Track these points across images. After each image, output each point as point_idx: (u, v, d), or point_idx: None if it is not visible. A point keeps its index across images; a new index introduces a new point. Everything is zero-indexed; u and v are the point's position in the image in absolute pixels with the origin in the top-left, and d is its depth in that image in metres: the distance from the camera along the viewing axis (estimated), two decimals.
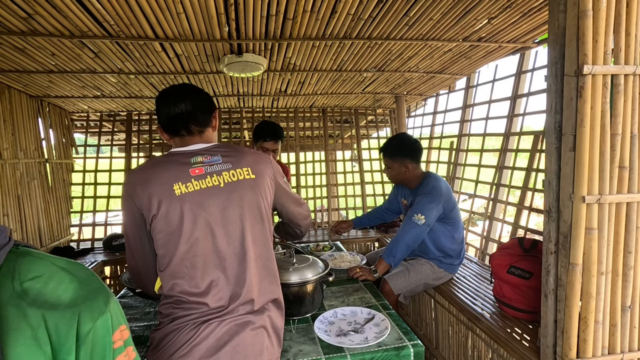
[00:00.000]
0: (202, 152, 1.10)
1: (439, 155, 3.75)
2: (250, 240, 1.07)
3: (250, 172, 1.10)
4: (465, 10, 1.75)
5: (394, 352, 1.26)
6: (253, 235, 1.08)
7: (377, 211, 2.62)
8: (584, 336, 1.20)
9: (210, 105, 1.19)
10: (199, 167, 1.07)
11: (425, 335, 2.43)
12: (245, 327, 1.00)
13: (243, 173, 1.09)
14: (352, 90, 3.35)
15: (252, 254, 1.07)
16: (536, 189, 2.37)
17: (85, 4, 1.50)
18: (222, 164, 1.09)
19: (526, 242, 1.79)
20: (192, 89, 1.18)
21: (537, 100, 2.53)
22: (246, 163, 1.11)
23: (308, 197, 3.99)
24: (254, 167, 1.11)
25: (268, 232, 1.13)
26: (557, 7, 1.16)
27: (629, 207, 1.18)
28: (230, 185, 1.07)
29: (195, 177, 1.05)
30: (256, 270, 1.07)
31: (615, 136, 1.14)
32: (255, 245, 1.09)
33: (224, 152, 1.12)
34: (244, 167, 1.10)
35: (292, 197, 1.31)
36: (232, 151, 1.14)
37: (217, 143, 1.18)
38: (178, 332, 0.97)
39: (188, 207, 1.02)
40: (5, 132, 2.55)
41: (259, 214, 1.10)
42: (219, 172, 1.07)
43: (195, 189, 1.04)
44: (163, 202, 1.02)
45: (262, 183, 1.12)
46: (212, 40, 1.92)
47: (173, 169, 1.05)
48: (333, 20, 1.78)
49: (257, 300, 1.06)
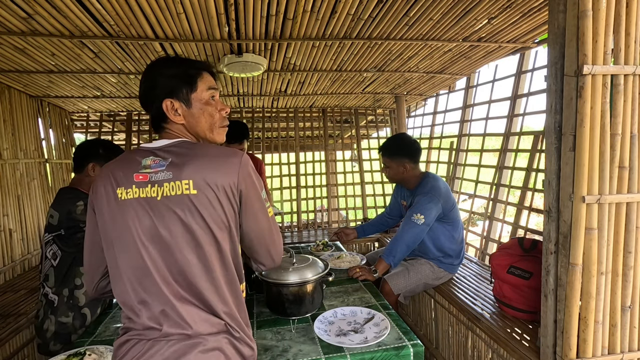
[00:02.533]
0: (157, 153, 0.94)
1: (439, 155, 3.75)
2: (179, 270, 0.89)
3: (190, 186, 0.88)
4: (465, 10, 1.75)
5: (393, 352, 1.26)
6: (184, 265, 0.89)
7: (380, 219, 2.61)
8: (583, 336, 1.20)
9: (161, 87, 0.96)
10: (144, 173, 0.92)
11: (425, 335, 2.43)
12: (194, 348, 0.87)
13: (181, 187, 0.88)
14: (352, 90, 3.35)
15: (183, 285, 0.89)
16: (536, 189, 2.37)
17: (85, 4, 1.50)
18: (165, 171, 0.90)
19: (526, 242, 1.79)
20: (158, 63, 1.00)
21: (537, 100, 2.54)
22: (189, 173, 0.89)
23: (308, 197, 3.99)
24: (200, 179, 0.89)
25: (215, 259, 0.90)
26: (557, 7, 1.16)
27: (628, 207, 1.18)
28: (167, 200, 0.89)
29: (137, 183, 0.91)
30: (189, 303, 0.89)
31: (615, 136, 1.14)
32: (186, 276, 0.89)
33: (175, 155, 0.93)
34: (184, 179, 0.89)
35: (261, 224, 0.99)
36: (182, 155, 0.93)
37: (181, 139, 0.98)
38: (128, 345, 0.90)
39: (122, 216, 0.90)
40: (5, 132, 2.55)
41: (192, 239, 0.88)
42: (160, 182, 0.90)
43: (135, 196, 0.90)
44: (105, 205, 0.92)
45: (205, 200, 0.88)
46: (212, 40, 1.92)
47: (125, 169, 0.93)
48: (333, 20, 1.78)
49: (196, 328, 0.89)
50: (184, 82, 0.98)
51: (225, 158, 0.94)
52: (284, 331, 1.44)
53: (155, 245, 0.89)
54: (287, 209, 3.95)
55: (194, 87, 0.99)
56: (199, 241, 0.89)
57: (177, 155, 0.93)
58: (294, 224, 3.97)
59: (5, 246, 2.49)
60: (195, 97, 0.99)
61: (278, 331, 1.44)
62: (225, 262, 0.93)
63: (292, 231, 3.85)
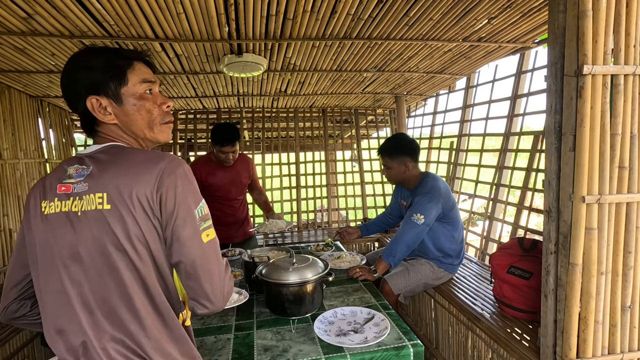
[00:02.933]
0: (84, 160, 0.82)
1: (439, 155, 3.75)
2: (100, 297, 0.77)
3: (104, 200, 0.76)
4: (465, 10, 1.75)
5: (393, 352, 1.26)
6: (105, 291, 0.77)
7: (382, 218, 2.62)
8: (583, 336, 1.20)
9: (82, 82, 0.83)
10: (67, 184, 0.80)
11: (425, 335, 2.43)
12: None
13: (95, 201, 0.76)
14: (352, 90, 3.35)
15: (105, 314, 0.77)
16: (536, 189, 2.37)
17: (85, 4, 1.50)
18: (82, 183, 0.79)
19: (526, 242, 1.79)
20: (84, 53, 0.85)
21: (537, 100, 2.54)
22: (104, 184, 0.77)
23: (308, 197, 3.99)
24: (114, 190, 0.76)
25: (135, 286, 0.77)
26: (557, 7, 1.16)
27: (628, 207, 1.18)
28: (85, 215, 0.77)
29: (59, 195, 0.79)
30: (110, 336, 0.77)
31: (615, 136, 1.14)
32: (107, 304, 0.77)
33: (97, 163, 0.81)
34: (98, 191, 0.76)
35: (191, 251, 0.79)
36: (103, 162, 0.80)
37: (110, 144, 0.85)
38: None
39: (45, 232, 0.80)
40: (5, 132, 2.55)
41: (108, 262, 0.76)
42: (80, 194, 0.78)
43: (57, 210, 0.79)
44: (32, 219, 0.82)
45: (118, 216, 0.75)
46: (212, 40, 1.92)
47: (53, 179, 0.82)
48: (333, 20, 1.78)
49: None
50: (110, 75, 0.83)
51: (146, 163, 0.78)
52: (284, 331, 1.44)
53: (76, 267, 0.78)
54: (287, 209, 3.95)
55: (124, 80, 0.84)
56: (116, 265, 0.76)
57: (99, 162, 0.81)
58: (294, 224, 3.97)
59: (5, 246, 2.49)
60: (126, 91, 0.84)
61: (278, 331, 1.44)
62: (149, 290, 0.79)
63: (292, 231, 3.85)
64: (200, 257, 0.80)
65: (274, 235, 3.67)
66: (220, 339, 1.40)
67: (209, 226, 0.83)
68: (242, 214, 2.78)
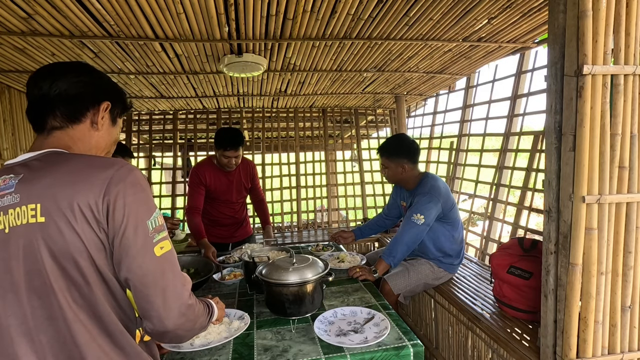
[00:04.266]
0: (14, 169, 0.73)
1: (439, 156, 3.75)
2: (37, 321, 0.69)
3: (37, 212, 0.67)
4: (465, 10, 1.75)
5: (393, 352, 1.26)
6: (42, 314, 0.69)
7: (377, 220, 2.58)
8: (583, 336, 1.20)
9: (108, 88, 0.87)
10: None
11: (425, 335, 2.43)
12: None
13: (27, 214, 0.68)
14: (352, 90, 3.35)
15: (41, 337, 0.69)
16: (536, 189, 2.37)
17: (85, 4, 1.50)
18: (12, 194, 0.70)
19: (526, 242, 1.79)
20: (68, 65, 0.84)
21: (537, 100, 2.54)
22: (37, 193, 0.69)
23: (308, 197, 3.99)
24: (50, 200, 0.68)
25: (76, 308, 0.69)
26: (557, 7, 1.16)
27: (628, 207, 1.18)
28: (15, 231, 0.68)
29: None
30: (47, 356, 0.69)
31: (615, 136, 1.14)
32: (46, 330, 0.69)
33: (30, 171, 0.72)
34: (31, 202, 0.68)
35: (142, 266, 0.72)
36: (38, 169, 0.72)
37: (52, 150, 0.77)
38: None
39: None
40: (5, 132, 2.55)
41: (42, 283, 0.68)
42: (5, 208, 0.69)
43: None
44: None
45: (56, 229, 0.67)
46: (212, 40, 1.92)
47: None
48: (333, 20, 1.78)
49: None
50: (123, 102, 0.90)
51: (90, 169, 0.71)
52: (284, 331, 1.44)
53: (10, 297, 0.69)
54: (287, 209, 3.95)
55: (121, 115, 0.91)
56: (52, 287, 0.68)
57: (33, 170, 0.72)
58: (294, 224, 3.97)
59: None
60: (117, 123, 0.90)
61: (278, 331, 1.44)
62: (96, 310, 0.71)
63: (292, 231, 3.85)
64: (152, 272, 0.73)
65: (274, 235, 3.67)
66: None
67: (163, 237, 0.76)
68: (242, 215, 2.77)
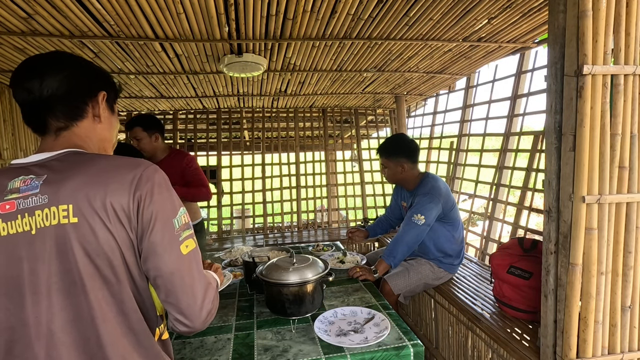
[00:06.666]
0: (31, 170, 0.71)
1: (439, 156, 3.75)
2: (61, 322, 0.68)
3: (70, 213, 0.67)
4: (465, 10, 1.75)
5: (393, 352, 1.26)
6: (67, 315, 0.68)
7: (385, 219, 2.61)
8: (583, 336, 1.20)
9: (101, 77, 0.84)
10: (10, 200, 0.68)
11: (425, 335, 2.43)
12: None
13: (58, 214, 0.67)
14: (352, 90, 3.35)
15: (64, 339, 0.68)
16: (536, 189, 2.37)
17: (85, 4, 1.50)
18: (38, 195, 0.68)
19: (526, 242, 1.79)
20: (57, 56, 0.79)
21: (537, 100, 2.53)
22: (68, 194, 0.67)
23: (308, 197, 3.99)
24: (83, 200, 0.67)
25: (106, 306, 0.70)
26: (557, 7, 1.16)
27: (629, 207, 1.18)
28: (43, 232, 0.67)
29: (3, 215, 0.68)
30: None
31: (615, 136, 1.14)
32: (71, 331, 0.68)
33: (53, 172, 0.70)
34: (62, 203, 0.67)
35: (168, 264, 0.72)
36: (62, 170, 0.70)
37: (69, 150, 0.75)
38: None
39: None
40: (5, 132, 2.55)
41: (72, 282, 0.68)
42: (31, 209, 0.68)
43: (2, 234, 0.68)
44: None
45: (90, 229, 0.67)
46: (212, 40, 1.92)
47: None
48: (333, 20, 1.78)
49: None
50: (114, 87, 0.88)
51: (118, 169, 0.71)
52: (284, 331, 1.44)
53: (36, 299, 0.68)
54: (287, 209, 3.95)
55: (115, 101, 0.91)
56: (84, 288, 0.68)
57: (56, 171, 0.70)
58: (294, 224, 3.97)
59: None
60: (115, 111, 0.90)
61: (278, 331, 1.44)
62: (124, 308, 0.71)
63: (292, 231, 3.85)
64: (179, 270, 0.73)
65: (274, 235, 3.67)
66: (220, 338, 1.40)
67: (188, 236, 0.77)
68: None
